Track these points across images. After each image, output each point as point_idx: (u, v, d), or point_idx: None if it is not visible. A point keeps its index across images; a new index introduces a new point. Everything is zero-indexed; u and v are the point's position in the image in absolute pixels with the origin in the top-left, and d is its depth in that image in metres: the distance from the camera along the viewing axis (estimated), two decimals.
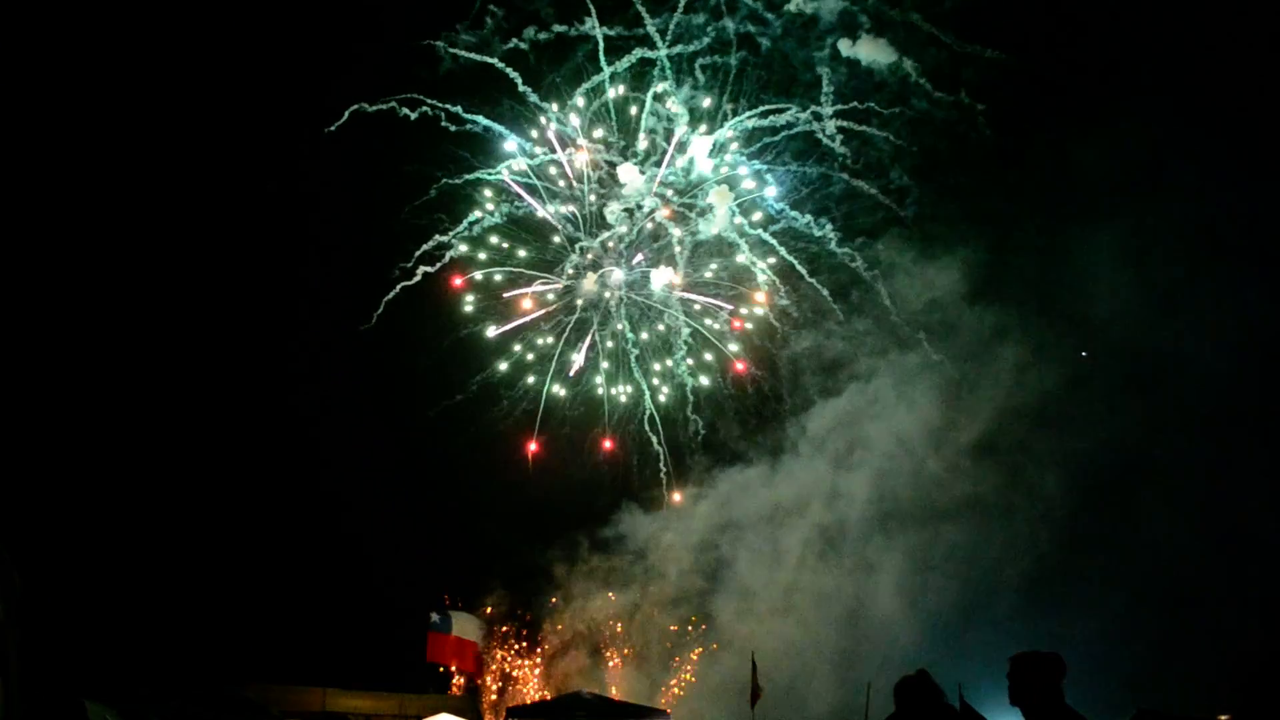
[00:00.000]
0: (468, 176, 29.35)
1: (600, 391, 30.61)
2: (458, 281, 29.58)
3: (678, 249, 29.92)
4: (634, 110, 29.35)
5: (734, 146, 29.59)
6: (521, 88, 28.89)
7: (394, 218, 28.65)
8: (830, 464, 27.17)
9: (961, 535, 25.74)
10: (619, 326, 30.51)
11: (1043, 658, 5.86)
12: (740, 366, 30.14)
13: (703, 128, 29.45)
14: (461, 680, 28.67)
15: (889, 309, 28.25)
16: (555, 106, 29.37)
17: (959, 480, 26.17)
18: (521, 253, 30.21)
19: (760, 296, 29.87)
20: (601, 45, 28.34)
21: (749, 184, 29.64)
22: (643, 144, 29.61)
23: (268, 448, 26.64)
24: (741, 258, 29.74)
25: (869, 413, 27.17)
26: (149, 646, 22.79)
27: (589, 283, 30.39)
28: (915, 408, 26.91)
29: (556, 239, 30.37)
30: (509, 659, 29.51)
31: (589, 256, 30.37)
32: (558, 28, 28.18)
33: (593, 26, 28.08)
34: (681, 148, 29.60)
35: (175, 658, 22.96)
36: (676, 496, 29.98)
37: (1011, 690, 5.88)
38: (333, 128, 27.61)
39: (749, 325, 30.26)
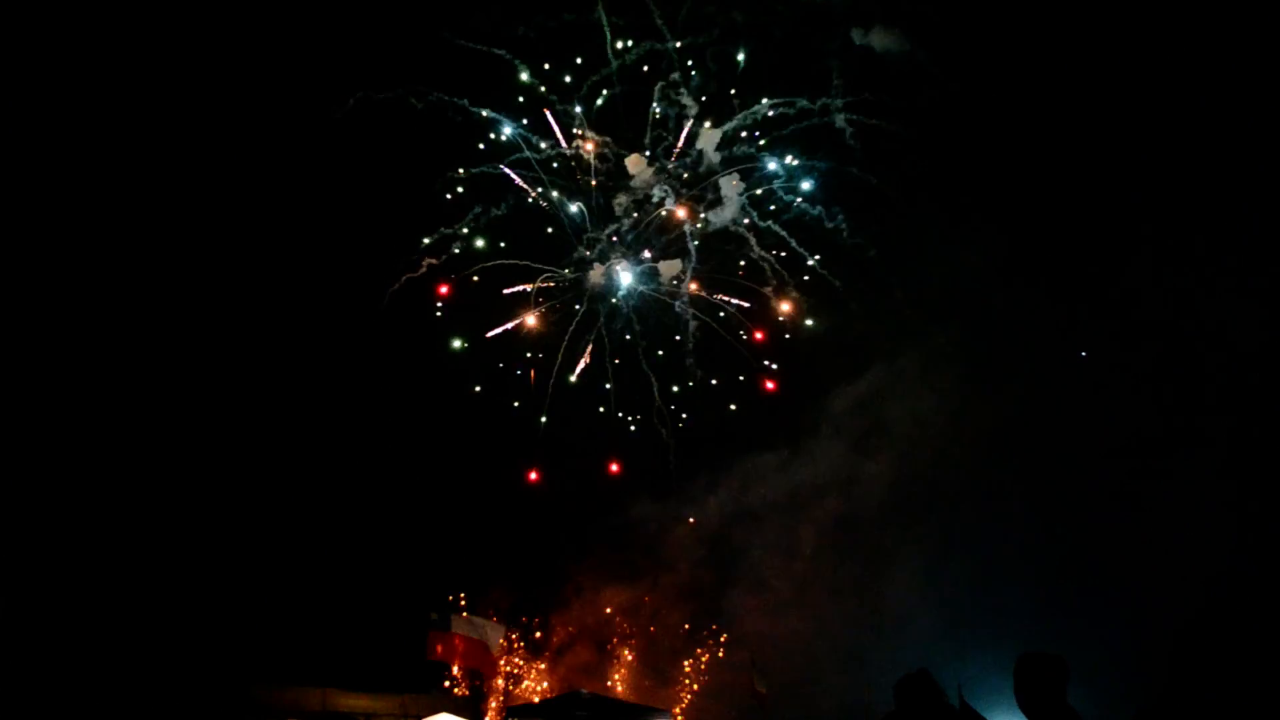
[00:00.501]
0: (473, 170, 29.18)
1: (608, 386, 30.35)
2: (443, 289, 29.34)
3: (694, 244, 29.64)
4: (642, 101, 29.06)
5: (744, 136, 29.27)
6: (529, 78, 28.68)
7: (397, 209, 28.44)
8: (842, 455, 27.11)
9: (974, 528, 25.31)
10: (626, 317, 30.23)
11: (1047, 659, 5.84)
12: (771, 385, 29.75)
13: (712, 118, 29.13)
14: (465, 680, 28.50)
15: (902, 299, 27.88)
16: (561, 97, 29.14)
17: (972, 472, 25.73)
18: (527, 245, 29.91)
19: (772, 296, 29.53)
20: (608, 35, 28.11)
21: (760, 172, 29.29)
22: (651, 135, 29.35)
23: (266, 446, 26.42)
24: (753, 250, 29.44)
25: (882, 402, 27.01)
26: (149, 646, 22.75)
27: (596, 275, 30.10)
28: (930, 397, 26.67)
29: (563, 232, 30.12)
30: (512, 658, 29.34)
31: (595, 250, 30.11)
32: (566, 16, 27.96)
33: (599, 15, 27.84)
34: (691, 139, 29.31)
35: (175, 657, 22.93)
36: (684, 486, 29.72)
37: (1016, 690, 5.85)
38: (338, 116, 27.44)
39: (786, 334, 29.87)
